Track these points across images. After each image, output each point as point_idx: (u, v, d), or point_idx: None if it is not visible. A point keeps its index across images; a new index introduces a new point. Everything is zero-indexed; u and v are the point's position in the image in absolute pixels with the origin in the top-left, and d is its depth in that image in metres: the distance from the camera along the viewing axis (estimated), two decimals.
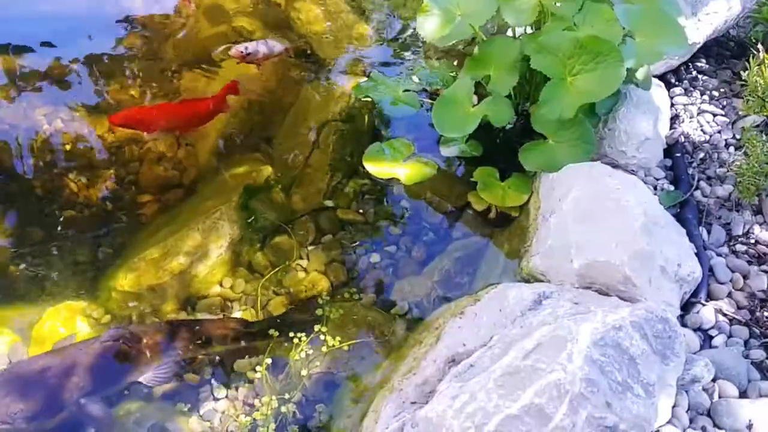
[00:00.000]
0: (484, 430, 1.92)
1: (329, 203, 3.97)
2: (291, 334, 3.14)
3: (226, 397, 3.10)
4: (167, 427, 2.83)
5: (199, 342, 3.14)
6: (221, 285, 3.53)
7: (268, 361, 3.05)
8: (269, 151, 4.22)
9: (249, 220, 3.72)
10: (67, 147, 4.20)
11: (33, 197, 3.94)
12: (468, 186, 3.72)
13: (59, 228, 3.77)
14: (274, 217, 3.80)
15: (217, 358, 3.19)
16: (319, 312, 3.25)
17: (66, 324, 3.30)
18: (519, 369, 2.04)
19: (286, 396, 2.92)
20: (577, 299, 2.41)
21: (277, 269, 3.54)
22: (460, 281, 3.41)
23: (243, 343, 3.20)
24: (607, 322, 2.12)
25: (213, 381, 3.14)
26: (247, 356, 3.21)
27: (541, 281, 2.74)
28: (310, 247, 3.72)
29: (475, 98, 3.54)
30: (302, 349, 3.08)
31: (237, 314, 3.42)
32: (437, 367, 2.45)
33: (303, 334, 3.12)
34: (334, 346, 3.10)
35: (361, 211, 3.92)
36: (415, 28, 4.26)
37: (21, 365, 2.98)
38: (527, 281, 2.78)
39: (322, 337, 3.14)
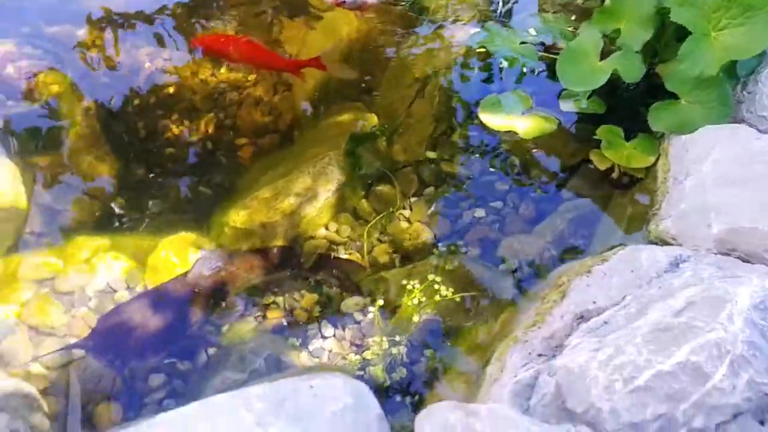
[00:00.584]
0: (634, 383, 1.87)
1: (432, 155, 3.92)
2: (404, 282, 3.12)
3: (334, 336, 3.12)
4: (282, 359, 2.86)
5: (303, 273, 3.18)
6: (326, 228, 3.54)
7: (380, 302, 3.05)
8: (371, 101, 4.17)
9: (355, 167, 3.70)
10: (170, 89, 4.24)
11: (136, 136, 4.00)
12: (584, 144, 3.62)
13: (161, 167, 3.82)
14: (379, 166, 3.77)
15: (326, 297, 3.21)
16: (433, 262, 3.22)
17: (178, 254, 3.37)
18: (671, 326, 1.97)
19: (397, 338, 2.92)
20: (720, 264, 2.32)
21: (381, 215, 3.52)
22: (574, 242, 3.33)
23: (345, 285, 3.22)
24: (766, 287, 2.02)
25: (321, 319, 3.16)
26: (355, 297, 3.21)
27: (671, 245, 2.64)
28: (412, 198, 3.69)
29: None
30: (415, 296, 3.06)
31: (344, 256, 3.42)
32: (565, 323, 2.40)
33: (416, 281, 3.10)
34: (446, 296, 3.08)
35: (465, 164, 3.85)
36: None
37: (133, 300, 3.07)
38: (655, 245, 2.69)
39: (436, 286, 3.11)
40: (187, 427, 1.82)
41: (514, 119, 3.54)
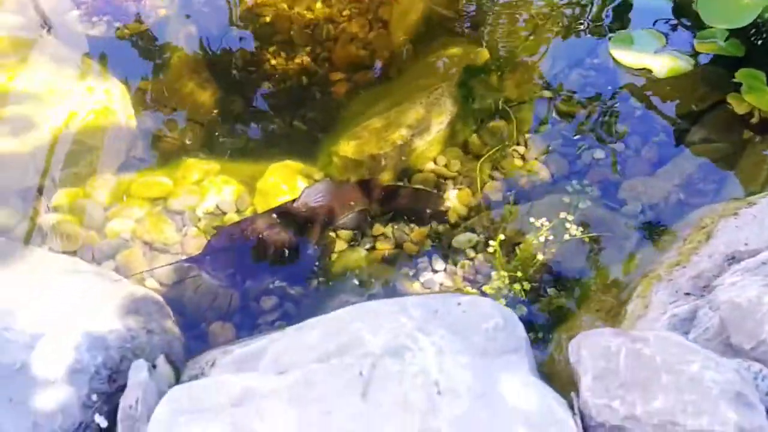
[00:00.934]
0: None
1: (548, 93, 3.74)
2: (532, 220, 2.99)
3: (445, 270, 3.03)
4: (397, 286, 2.79)
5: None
6: (435, 162, 3.42)
7: (501, 237, 2.93)
8: (479, 37, 3.98)
9: (467, 100, 3.55)
10: (267, 19, 4.14)
11: (235, 67, 3.93)
12: (716, 87, 3.38)
13: (258, 99, 3.75)
14: (492, 100, 3.61)
15: (436, 232, 3.12)
16: (565, 199, 3.08)
17: (287, 181, 3.31)
18: None
19: (519, 275, 2.80)
20: None
21: (494, 149, 3.38)
22: (703, 188, 3.13)
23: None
24: None
25: (432, 253, 3.07)
26: (468, 233, 3.10)
27: None
28: (527, 135, 3.52)
29: None
30: (542, 234, 2.93)
31: (453, 192, 3.30)
32: (714, 263, 2.24)
33: (544, 218, 2.96)
34: (575, 235, 2.93)
35: (584, 103, 3.66)
36: None
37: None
38: None
39: (567, 225, 2.97)
40: (343, 327, 1.75)
41: (647, 57, 3.32)
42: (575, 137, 3.51)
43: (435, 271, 3.03)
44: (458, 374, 1.63)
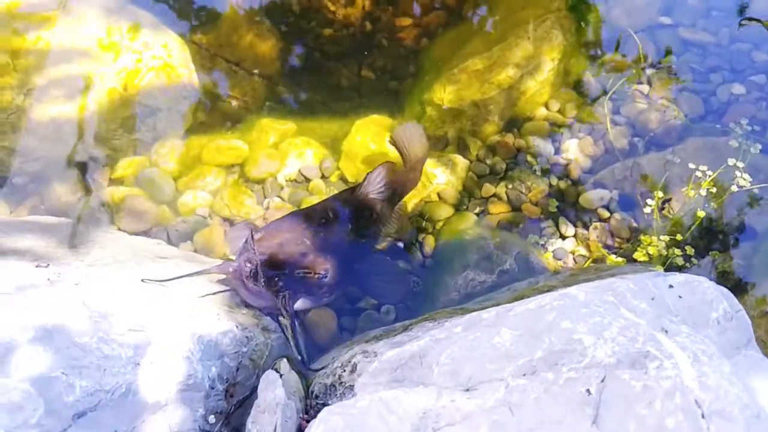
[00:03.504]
0: None
1: (666, 20, 3.22)
2: (692, 165, 2.52)
3: (575, 236, 2.58)
4: (530, 259, 2.35)
5: None
6: (547, 107, 2.94)
7: (660, 194, 2.47)
8: None
9: (580, 32, 3.05)
10: None
11: (291, 14, 3.45)
12: None
13: (321, 49, 3.29)
14: (605, 31, 3.11)
15: (558, 190, 2.69)
16: (733, 144, 2.60)
17: (375, 139, 2.88)
18: None
19: (678, 237, 2.34)
20: None
21: (611, 91, 2.89)
22: None
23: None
24: None
25: (558, 216, 2.62)
26: (598, 189, 2.65)
27: None
28: (649, 71, 3.01)
29: None
30: (705, 186, 2.46)
31: (572, 142, 2.83)
32: None
33: (705, 167, 2.49)
34: (743, 186, 2.46)
35: (710, 30, 3.14)
36: None
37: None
38: None
39: (737, 173, 2.50)
40: (545, 327, 1.34)
41: None
42: (706, 70, 2.99)
43: (563, 237, 2.59)
44: (724, 387, 1.20)
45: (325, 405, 1.51)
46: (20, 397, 1.24)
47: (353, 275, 2.14)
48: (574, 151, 2.85)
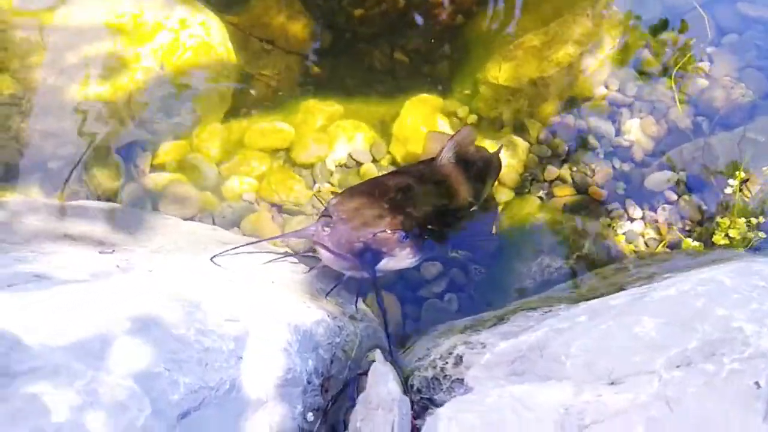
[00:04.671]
0: None
1: None
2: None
3: (643, 218, 2.48)
4: (607, 243, 2.24)
5: None
6: (607, 86, 2.82)
7: (742, 174, 2.35)
8: None
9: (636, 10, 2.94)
10: None
11: None
12: None
13: (353, 30, 3.17)
14: (660, 7, 2.99)
15: (621, 173, 2.58)
16: None
17: (426, 121, 2.76)
18: None
19: (753, 220, 2.24)
20: None
21: (675, 69, 2.78)
22: None
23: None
24: None
25: (625, 198, 2.51)
26: (664, 171, 2.54)
27: None
28: (709, 48, 2.91)
29: None
30: None
31: (633, 122, 2.72)
32: None
33: None
34: None
35: None
36: None
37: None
38: None
39: None
40: (694, 313, 1.23)
41: None
42: None
43: (632, 220, 2.48)
44: None
45: (430, 400, 1.39)
46: (125, 395, 1.11)
47: (438, 237, 2.05)
48: (636, 131, 2.75)
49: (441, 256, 2.27)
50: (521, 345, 1.37)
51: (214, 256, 1.66)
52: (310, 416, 1.38)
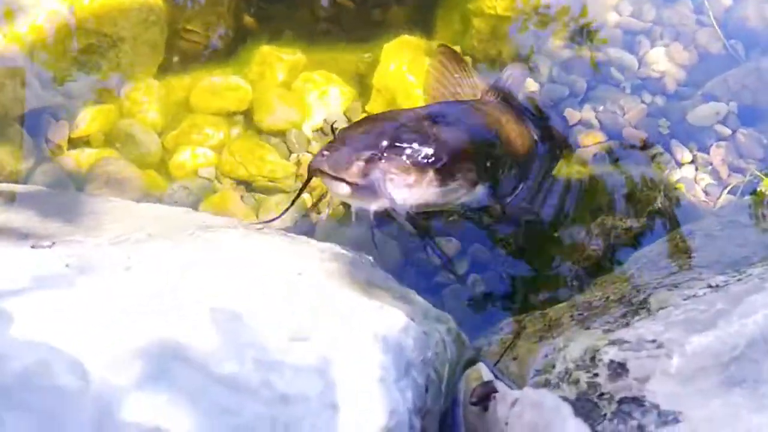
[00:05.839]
0: None
1: None
2: None
3: (693, 161, 2.06)
4: (677, 194, 1.81)
5: None
6: (618, 11, 2.40)
7: None
8: None
9: None
10: None
11: None
12: None
13: None
14: None
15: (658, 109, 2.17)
16: None
17: (413, 68, 2.23)
18: None
19: None
20: None
21: None
22: None
23: None
24: None
25: (669, 138, 2.10)
26: (710, 103, 2.14)
27: None
28: None
29: None
30: None
31: (658, 51, 2.31)
32: None
33: None
34: None
35: None
36: None
37: None
38: None
39: None
40: None
41: None
42: None
43: (680, 165, 2.06)
44: None
45: None
46: None
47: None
48: (663, 61, 2.32)
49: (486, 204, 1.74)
50: (732, 339, 0.88)
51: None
52: None
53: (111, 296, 0.83)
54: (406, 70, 2.30)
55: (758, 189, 1.96)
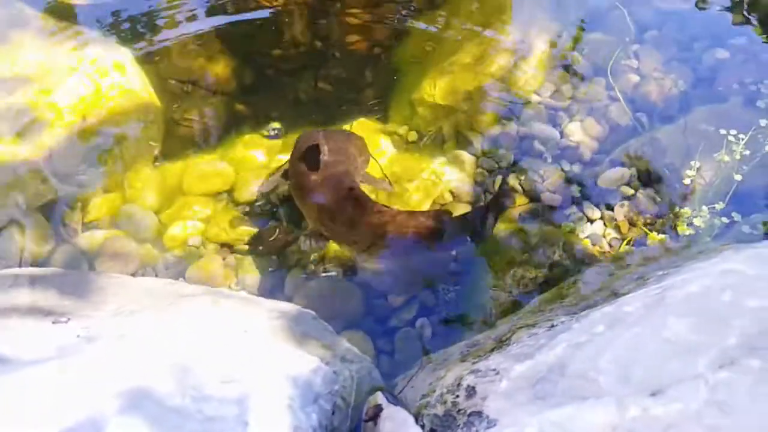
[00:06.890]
0: None
1: None
2: (723, 131, 2.46)
3: (601, 218, 2.48)
4: (576, 247, 2.21)
5: None
6: (539, 94, 2.83)
7: (696, 163, 2.38)
8: None
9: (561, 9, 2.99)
10: None
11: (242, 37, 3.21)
12: None
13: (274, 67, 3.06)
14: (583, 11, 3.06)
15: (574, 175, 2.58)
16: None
17: (371, 143, 2.66)
18: None
19: (716, 206, 2.27)
20: None
21: (609, 65, 2.82)
22: None
23: None
24: None
25: (581, 200, 2.51)
26: (617, 168, 2.56)
27: None
28: (634, 46, 2.99)
29: None
30: (738, 151, 2.40)
31: (574, 127, 2.73)
32: None
33: (736, 131, 2.44)
34: None
35: None
36: None
37: None
38: None
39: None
40: (723, 311, 1.16)
41: None
42: (686, 38, 2.99)
43: (591, 221, 2.47)
44: None
45: None
46: None
47: None
48: (579, 133, 2.75)
49: None
50: (540, 366, 1.28)
51: None
52: None
53: (107, 358, 1.24)
54: None
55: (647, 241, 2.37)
